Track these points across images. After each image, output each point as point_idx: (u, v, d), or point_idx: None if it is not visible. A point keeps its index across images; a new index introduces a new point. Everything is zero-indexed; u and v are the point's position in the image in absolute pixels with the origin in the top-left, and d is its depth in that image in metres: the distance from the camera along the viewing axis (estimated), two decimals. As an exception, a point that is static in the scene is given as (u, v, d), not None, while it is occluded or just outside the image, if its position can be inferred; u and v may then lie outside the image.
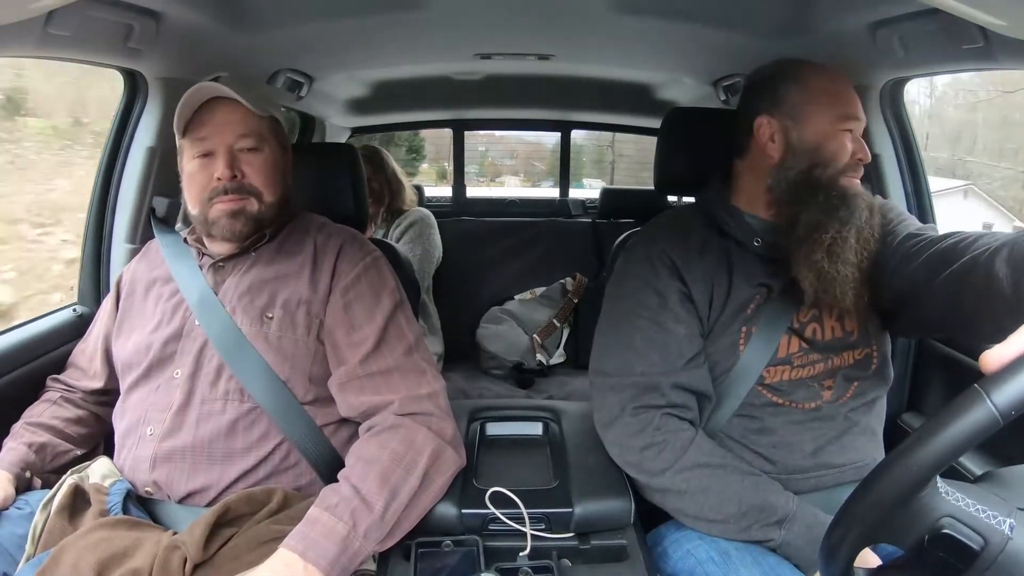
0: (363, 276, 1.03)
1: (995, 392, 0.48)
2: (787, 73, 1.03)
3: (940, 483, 0.53)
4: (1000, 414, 0.47)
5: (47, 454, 1.02)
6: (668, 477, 0.92)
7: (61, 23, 0.97)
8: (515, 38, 1.64)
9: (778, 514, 0.89)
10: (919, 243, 0.92)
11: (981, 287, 0.75)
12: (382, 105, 2.44)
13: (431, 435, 0.91)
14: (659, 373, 0.96)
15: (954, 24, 0.97)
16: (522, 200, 2.83)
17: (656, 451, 0.93)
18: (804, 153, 0.99)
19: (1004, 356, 0.49)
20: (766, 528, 0.89)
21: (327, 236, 1.07)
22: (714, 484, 0.91)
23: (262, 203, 1.02)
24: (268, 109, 1.05)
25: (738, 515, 0.90)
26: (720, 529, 0.91)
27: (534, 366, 2.18)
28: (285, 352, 0.99)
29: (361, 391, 0.97)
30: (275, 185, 1.04)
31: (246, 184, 1.01)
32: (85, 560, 0.83)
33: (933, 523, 0.52)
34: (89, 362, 1.13)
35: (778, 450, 0.98)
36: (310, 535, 0.81)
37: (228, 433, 0.97)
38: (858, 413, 1.00)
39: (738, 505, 0.90)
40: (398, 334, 1.00)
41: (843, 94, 1.00)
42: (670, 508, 0.95)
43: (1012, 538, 0.51)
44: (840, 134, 0.98)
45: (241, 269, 1.05)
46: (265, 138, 1.03)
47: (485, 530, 0.88)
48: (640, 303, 1.00)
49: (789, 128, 1.01)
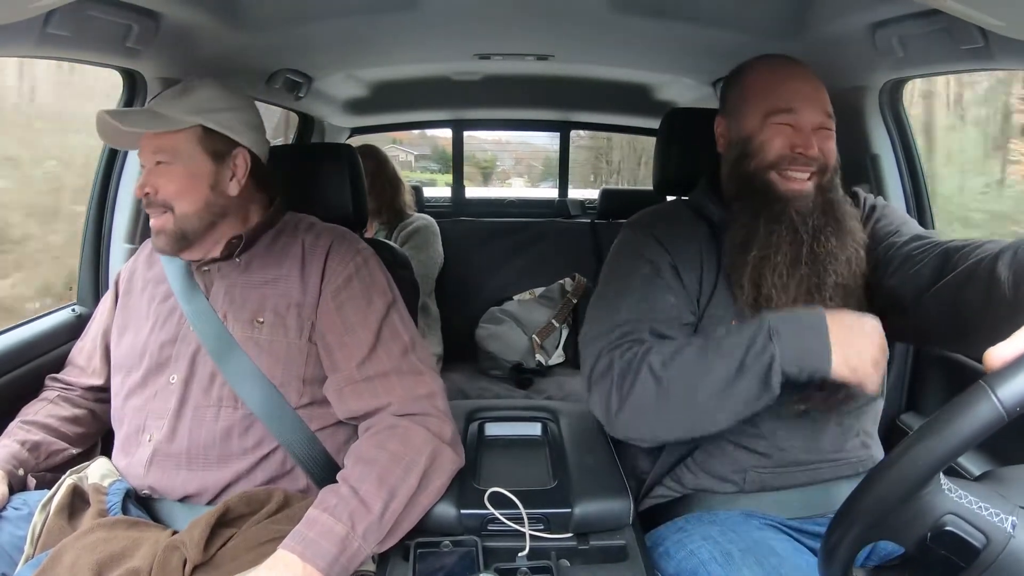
0: (354, 277, 1.02)
1: (1000, 388, 0.48)
2: (734, 74, 1.06)
3: (943, 480, 0.53)
4: (1006, 410, 0.47)
5: (41, 452, 1.02)
6: (649, 387, 0.89)
7: (60, 23, 0.97)
8: (514, 38, 1.64)
9: (761, 331, 0.85)
10: (920, 247, 0.92)
11: (982, 292, 0.74)
12: (381, 105, 2.44)
13: (429, 435, 0.91)
14: (642, 320, 0.94)
15: (953, 24, 0.97)
16: (521, 200, 2.83)
17: (632, 374, 0.90)
18: (736, 146, 1.02)
19: (1009, 352, 0.49)
20: (762, 354, 0.84)
21: (316, 236, 1.06)
22: (689, 358, 0.88)
23: (176, 216, 1.00)
24: (188, 121, 1.01)
25: (733, 368, 0.85)
26: (732, 403, 0.85)
27: (533, 366, 2.18)
28: (278, 356, 0.99)
29: (359, 396, 0.96)
30: (191, 194, 1.00)
31: (157, 200, 1.00)
32: (84, 560, 0.83)
33: (936, 520, 0.52)
34: (88, 359, 1.13)
35: (772, 450, 0.98)
36: (308, 536, 0.81)
37: (223, 440, 0.96)
38: (851, 416, 1.00)
39: (725, 357, 0.86)
40: (393, 335, 1.00)
41: (778, 88, 0.98)
42: (676, 427, 0.89)
43: (1014, 536, 0.51)
44: (770, 127, 0.98)
45: (228, 273, 1.04)
46: (179, 151, 1.00)
47: (484, 530, 0.88)
48: (632, 271, 0.99)
49: (730, 125, 1.04)
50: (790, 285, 0.94)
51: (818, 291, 0.94)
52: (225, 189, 1.03)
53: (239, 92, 1.08)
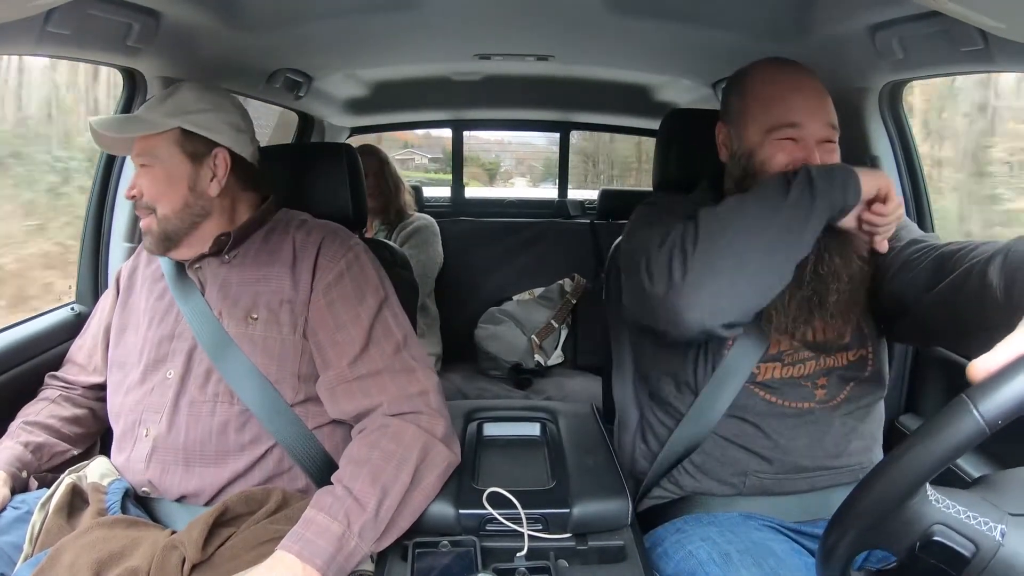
0: (345, 273, 1.02)
1: (982, 402, 0.48)
2: (736, 79, 1.04)
3: (930, 491, 0.53)
4: (987, 424, 0.48)
5: (44, 454, 1.02)
6: (712, 232, 0.86)
7: (60, 21, 0.97)
8: (514, 38, 1.64)
9: (796, 179, 0.86)
10: (920, 250, 0.92)
11: (976, 296, 0.74)
12: (381, 105, 2.44)
13: (420, 432, 0.91)
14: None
15: (953, 26, 0.97)
16: (521, 201, 2.83)
17: (691, 235, 0.87)
18: (740, 161, 1.00)
19: (991, 365, 0.49)
20: (797, 174, 0.86)
21: (307, 233, 1.06)
22: (733, 204, 0.88)
23: (158, 217, 1.01)
24: (166, 123, 1.01)
25: (781, 191, 0.86)
26: (783, 219, 0.85)
27: (532, 367, 2.19)
28: (272, 352, 0.99)
29: (351, 396, 0.96)
30: (170, 196, 1.01)
31: (143, 201, 1.01)
32: (83, 559, 0.83)
33: (924, 530, 0.53)
34: (88, 357, 1.13)
35: (775, 452, 0.98)
36: (305, 535, 0.81)
37: (219, 435, 0.96)
38: (854, 417, 1.00)
39: (768, 187, 0.87)
40: (385, 332, 0.99)
41: (780, 101, 0.96)
42: (742, 276, 0.85)
43: (1003, 544, 0.51)
44: (773, 143, 0.96)
45: (220, 270, 1.04)
46: (158, 153, 1.01)
47: (482, 530, 0.88)
48: (655, 222, 0.97)
49: (732, 136, 1.03)
50: (791, 305, 0.94)
51: (819, 309, 0.94)
52: (205, 190, 1.03)
53: (222, 93, 1.09)
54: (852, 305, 0.96)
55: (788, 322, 0.94)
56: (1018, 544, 0.51)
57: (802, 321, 0.94)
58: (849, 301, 0.95)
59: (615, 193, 2.63)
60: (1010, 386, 0.47)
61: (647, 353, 1.10)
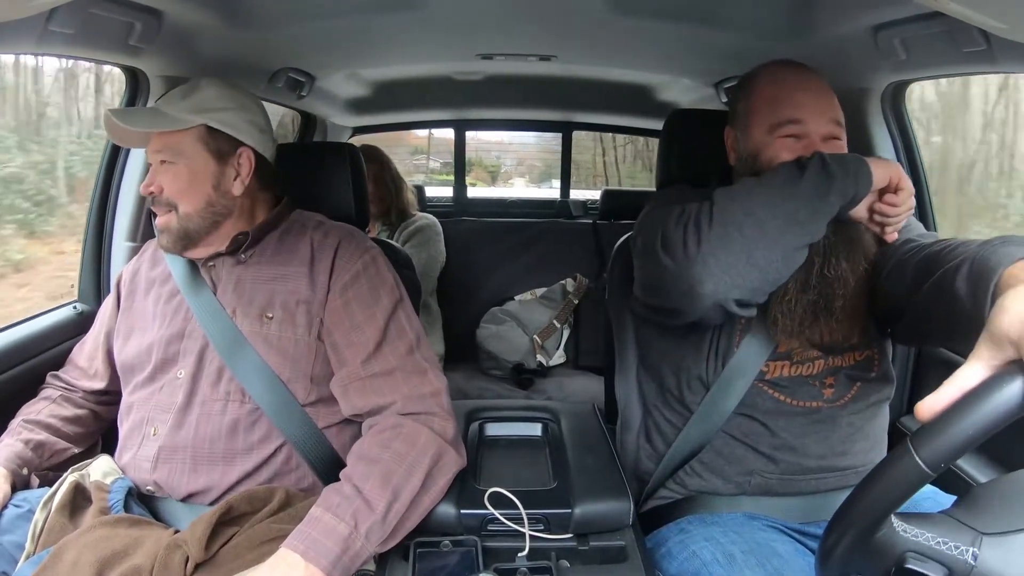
0: (362, 274, 1.02)
1: (923, 448, 0.50)
2: (742, 81, 1.05)
3: (896, 521, 0.54)
4: (929, 468, 0.50)
5: (44, 452, 1.02)
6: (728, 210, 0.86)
7: (63, 20, 0.97)
8: (516, 38, 1.64)
9: (810, 161, 0.87)
10: (912, 250, 0.90)
11: (948, 304, 0.73)
12: (383, 105, 2.44)
13: (433, 436, 0.91)
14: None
15: (956, 27, 0.97)
16: (523, 201, 2.83)
17: (706, 212, 0.88)
18: (745, 163, 1.01)
19: (934, 407, 0.50)
20: (813, 158, 0.87)
21: (324, 234, 1.07)
22: (750, 184, 0.88)
23: (179, 215, 1.00)
24: (191, 120, 1.00)
25: (796, 173, 0.86)
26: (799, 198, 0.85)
27: (534, 367, 2.19)
28: (286, 352, 0.99)
29: (364, 393, 0.96)
30: (194, 193, 1.01)
31: (162, 198, 1.00)
32: (85, 558, 0.83)
33: (896, 558, 0.54)
34: (89, 362, 1.13)
35: (781, 452, 0.98)
36: (311, 535, 0.80)
37: (229, 434, 0.97)
38: (860, 417, 1.00)
39: (785, 167, 0.87)
40: (399, 333, 1.00)
41: (784, 99, 0.97)
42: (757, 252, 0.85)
43: (976, 566, 0.52)
44: (776, 141, 0.97)
45: (235, 269, 1.04)
46: (182, 150, 1.00)
47: (484, 530, 0.88)
48: (672, 206, 0.96)
49: (739, 138, 1.03)
50: (797, 309, 0.94)
51: (825, 313, 0.94)
52: (229, 189, 1.03)
53: (244, 91, 1.08)
54: (858, 308, 0.95)
55: (794, 326, 0.94)
56: (992, 563, 0.51)
57: (808, 325, 0.94)
58: (855, 305, 0.95)
59: (618, 193, 2.63)
60: (948, 434, 0.49)
61: (654, 346, 1.10)
